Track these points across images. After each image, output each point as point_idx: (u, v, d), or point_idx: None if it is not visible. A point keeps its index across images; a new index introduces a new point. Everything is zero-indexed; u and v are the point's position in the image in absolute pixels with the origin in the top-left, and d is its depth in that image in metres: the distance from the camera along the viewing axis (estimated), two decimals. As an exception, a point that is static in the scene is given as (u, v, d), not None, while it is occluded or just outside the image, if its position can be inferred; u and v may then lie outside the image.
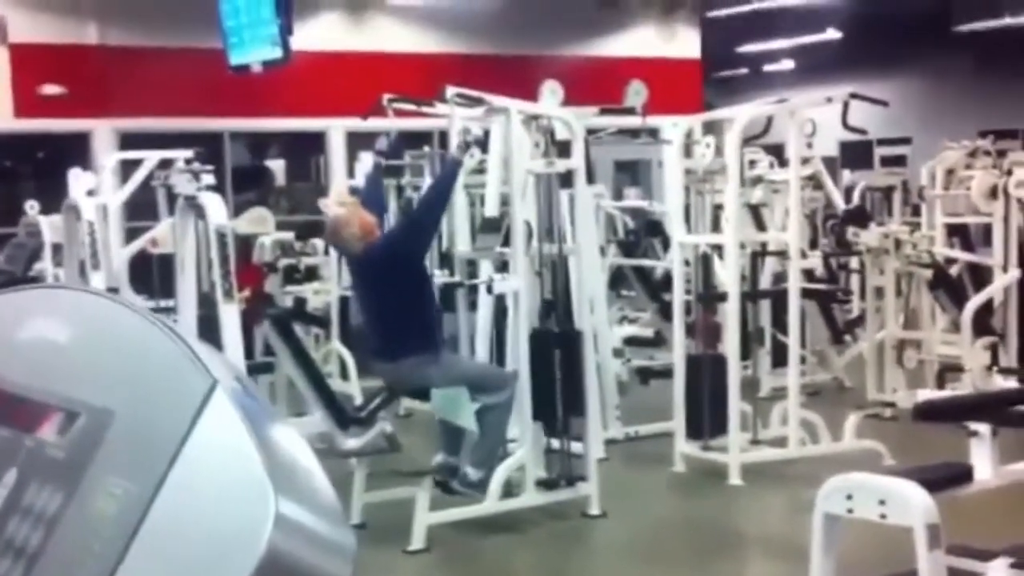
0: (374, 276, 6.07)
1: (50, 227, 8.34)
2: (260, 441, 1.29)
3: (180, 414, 1.29)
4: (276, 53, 11.00)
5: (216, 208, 5.97)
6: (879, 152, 20.56)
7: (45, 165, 12.88)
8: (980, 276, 9.25)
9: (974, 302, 8.40)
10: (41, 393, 1.36)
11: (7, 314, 1.44)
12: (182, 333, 1.35)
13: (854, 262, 9.74)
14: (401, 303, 5.95)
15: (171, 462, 1.27)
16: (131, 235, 9.56)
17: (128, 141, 12.04)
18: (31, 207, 8.94)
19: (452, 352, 6.77)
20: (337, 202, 6.20)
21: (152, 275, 8.73)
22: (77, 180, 7.84)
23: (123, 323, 1.37)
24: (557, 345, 6.29)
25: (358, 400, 8.00)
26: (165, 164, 8.38)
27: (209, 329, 6.05)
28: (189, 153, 8.36)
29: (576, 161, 6.57)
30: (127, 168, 9.51)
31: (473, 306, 7.33)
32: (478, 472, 5.95)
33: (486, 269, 6.89)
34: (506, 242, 6.38)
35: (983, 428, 4.32)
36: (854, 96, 7.31)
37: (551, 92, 7.56)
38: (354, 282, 6.74)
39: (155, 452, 1.27)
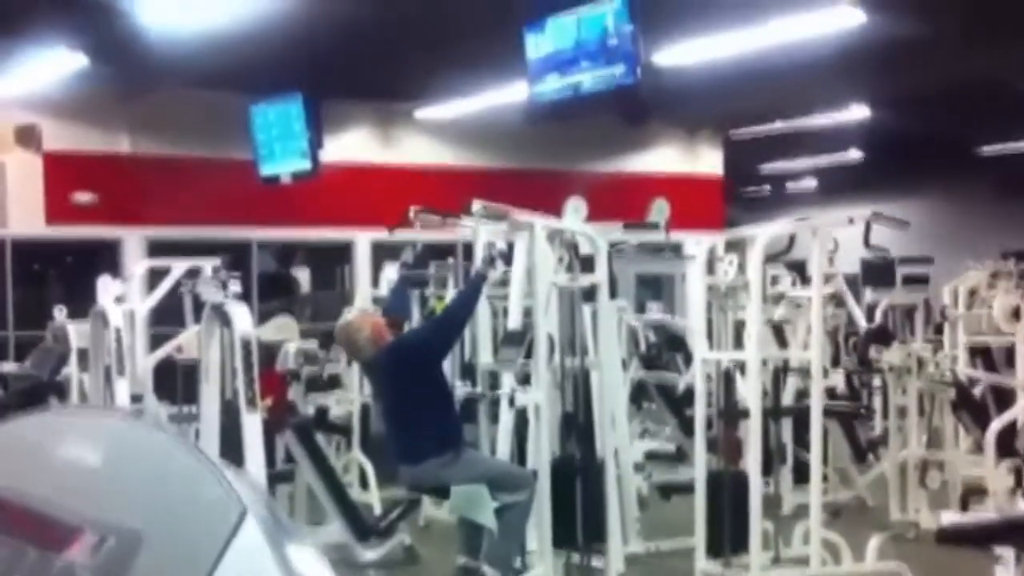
0: (391, 377, 6.13)
1: (77, 333, 8.41)
2: (284, 566, 1.30)
3: (210, 541, 1.29)
4: (305, 165, 11.22)
5: (242, 317, 6.03)
6: (901, 271, 20.56)
7: (75, 271, 13.03)
8: (1003, 397, 9.20)
9: (997, 423, 8.35)
10: (73, 514, 1.37)
11: (40, 435, 1.46)
12: (211, 456, 1.37)
13: (877, 380, 9.72)
14: (419, 405, 5.99)
15: None
16: (156, 341, 9.64)
17: (157, 249, 12.20)
18: (59, 312, 9.03)
19: (472, 450, 6.76)
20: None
21: (176, 382, 8.78)
22: (105, 287, 7.93)
23: (154, 446, 1.39)
24: (579, 473, 6.28)
25: (378, 510, 7.97)
26: (193, 272, 8.50)
27: (231, 437, 6.08)
28: (216, 262, 8.49)
29: (599, 276, 6.63)
30: (155, 275, 9.62)
31: (495, 418, 7.34)
32: (495, 571, 5.92)
33: (508, 381, 6.91)
34: (528, 355, 6.42)
35: (1007, 553, 4.29)
36: (876, 216, 7.37)
37: (575, 208, 7.64)
38: (373, 387, 6.79)
39: (194, 570, 1.28)
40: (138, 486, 1.38)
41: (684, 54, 10.66)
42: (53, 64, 10.98)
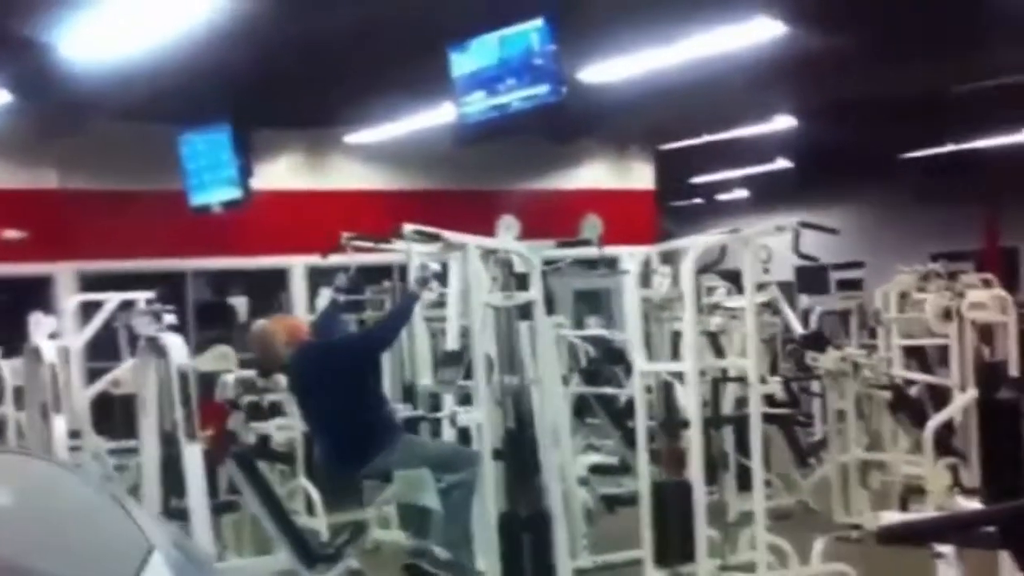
0: (317, 378, 6.11)
1: (11, 371, 8.31)
2: None
3: None
4: (236, 194, 11.18)
5: (177, 349, 5.99)
6: (835, 276, 20.83)
7: (6, 308, 12.85)
8: (939, 396, 9.34)
9: (934, 422, 8.48)
10: None
11: None
12: (121, 495, 1.36)
13: (815, 386, 9.82)
14: (348, 405, 5.99)
15: None
16: (93, 376, 9.53)
17: (90, 283, 12.07)
18: (-8, 351, 8.92)
19: (410, 435, 6.74)
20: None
21: (114, 416, 8.69)
22: (38, 323, 7.84)
23: (65, 487, 1.38)
24: (526, 528, 6.30)
25: (324, 536, 7.92)
26: (127, 305, 8.43)
27: (173, 469, 6.03)
28: (150, 294, 8.43)
29: (534, 293, 6.65)
30: (89, 310, 9.53)
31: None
32: (447, 553, 5.92)
33: (449, 402, 6.91)
34: (468, 375, 6.43)
35: (948, 550, 4.35)
36: (804, 225, 7.46)
37: (507, 227, 7.67)
38: (297, 394, 6.74)
39: None
40: (48, 527, 1.36)
41: (610, 71, 10.74)
42: (-24, 101, 10.85)
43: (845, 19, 9.90)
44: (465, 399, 6.61)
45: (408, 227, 6.69)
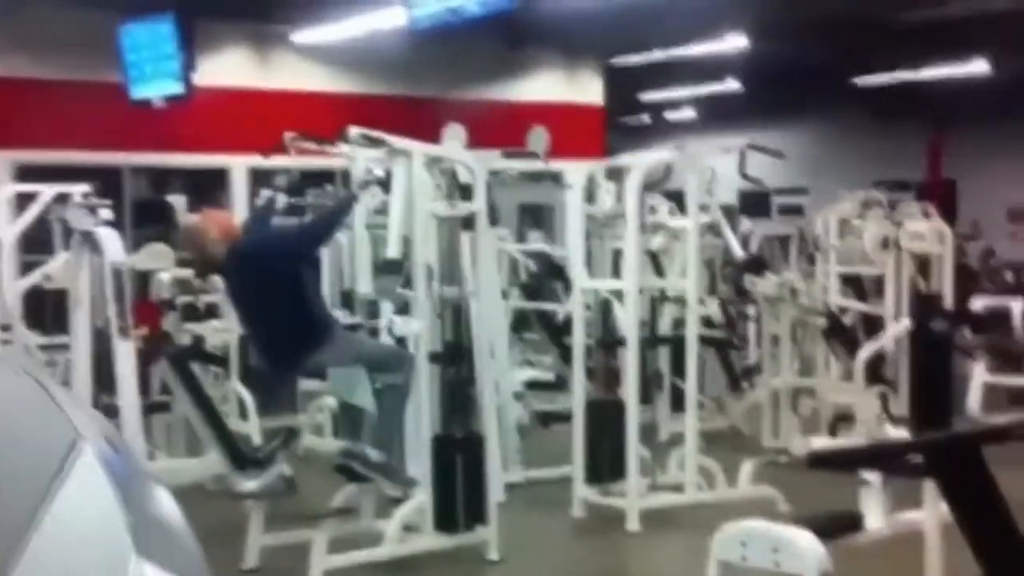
0: (249, 273, 6.04)
1: (-60, 260, 8.16)
2: (126, 501, 1.24)
3: (43, 470, 1.22)
4: (178, 88, 10.97)
5: (112, 244, 5.89)
6: (777, 201, 20.90)
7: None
8: (873, 325, 9.44)
9: (866, 351, 8.57)
10: None
11: None
12: (48, 383, 1.31)
13: (751, 310, 9.88)
14: (284, 303, 5.93)
15: (31, 522, 1.18)
16: (27, 269, 9.38)
17: (25, 174, 11.84)
18: (-80, 240, 8.74)
19: (347, 332, 6.70)
20: None
21: (46, 311, 8.57)
22: (-31, 213, 7.70)
23: None
24: (460, 450, 6.29)
25: (257, 441, 7.90)
26: (62, 198, 8.27)
27: (104, 367, 5.96)
28: (86, 187, 8.27)
29: (478, 204, 6.59)
30: (23, 201, 9.34)
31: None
32: (379, 454, 5.93)
33: (387, 311, 6.87)
34: (407, 284, 6.37)
35: (874, 477, 4.41)
36: (751, 147, 7.45)
37: (453, 135, 7.58)
38: (230, 290, 6.67)
39: (15, 512, 1.20)
40: None
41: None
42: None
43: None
44: (404, 308, 6.57)
45: (354, 130, 6.58)
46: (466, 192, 6.69)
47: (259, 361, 7.15)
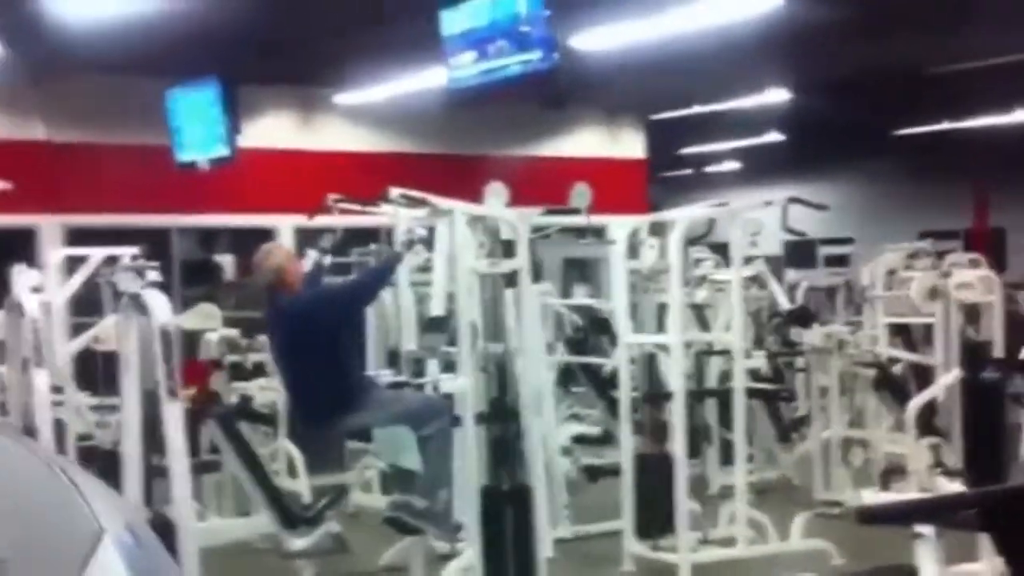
0: (293, 333, 6.10)
1: (-7, 324, 8.23)
2: None
3: (67, 563, 1.23)
4: (223, 151, 11.09)
5: (159, 306, 5.93)
6: (823, 251, 20.85)
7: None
8: (923, 375, 9.34)
9: (917, 401, 8.47)
10: None
11: None
12: (76, 476, 1.31)
13: (799, 361, 9.81)
14: (324, 362, 5.98)
15: None
16: (77, 331, 9.47)
17: (76, 237, 11.99)
18: (-26, 305, 8.83)
19: (380, 390, 6.71)
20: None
21: (97, 372, 8.64)
22: (20, 277, 7.77)
23: (18, 465, 1.33)
24: (508, 502, 6.28)
25: (306, 499, 7.91)
26: (111, 260, 8.35)
27: (154, 427, 5.99)
28: (135, 250, 8.35)
29: (520, 261, 6.61)
30: (74, 264, 9.45)
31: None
32: (424, 501, 5.93)
33: (432, 368, 6.88)
34: (452, 341, 6.39)
35: (928, 530, 4.35)
36: (793, 200, 7.43)
37: (495, 193, 7.62)
38: (276, 352, 6.70)
39: None
40: (3, 508, 1.31)
41: (604, 38, 10.67)
42: (-37, 51, 10.74)
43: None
44: (449, 366, 6.58)
45: (395, 191, 6.63)
46: (509, 249, 6.72)
47: (298, 420, 7.18)
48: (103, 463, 7.20)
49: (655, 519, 7.05)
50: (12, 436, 1.42)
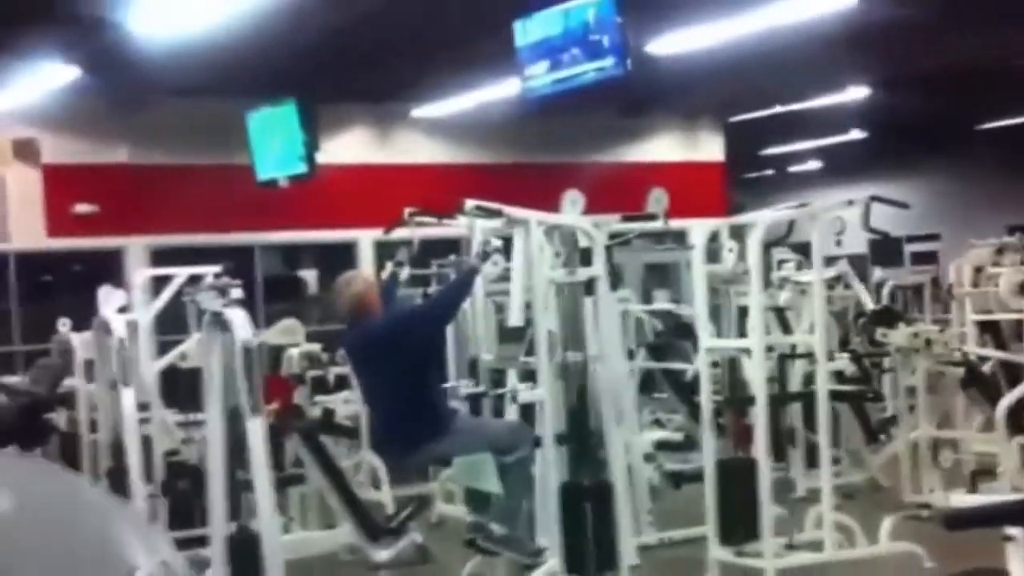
0: (374, 358, 6.12)
1: (81, 344, 8.40)
2: None
3: None
4: (302, 168, 11.23)
5: (241, 324, 6.00)
6: (909, 249, 20.55)
7: (78, 282, 13.04)
8: (1013, 373, 9.15)
9: (1008, 400, 8.31)
10: None
11: None
12: (113, 511, 1.33)
13: (886, 361, 9.67)
14: (406, 387, 5.99)
15: None
16: (163, 349, 9.63)
17: (160, 257, 12.21)
18: (63, 325, 9.02)
19: (464, 417, 6.73)
20: None
21: (182, 389, 8.76)
22: (107, 297, 7.91)
23: (55, 498, 1.35)
24: (588, 498, 6.27)
25: (389, 509, 7.95)
26: (195, 279, 8.48)
27: (238, 443, 6.06)
28: (217, 268, 8.46)
29: (597, 269, 6.59)
30: (159, 283, 9.61)
31: (498, 414, 7.32)
32: (502, 528, 5.93)
33: (511, 378, 6.88)
34: (530, 351, 6.39)
35: (1018, 532, 4.25)
36: (875, 199, 7.32)
37: (572, 201, 7.61)
38: (358, 376, 6.74)
39: None
40: (42, 540, 1.34)
41: (680, 42, 10.63)
42: (49, 77, 10.99)
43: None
44: (528, 375, 6.58)
45: (470, 203, 6.65)
46: (586, 256, 6.70)
47: (378, 446, 7.22)
48: (189, 478, 7.31)
49: (739, 524, 6.97)
50: (51, 469, 1.44)
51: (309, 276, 15.18)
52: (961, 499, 7.73)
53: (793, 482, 8.82)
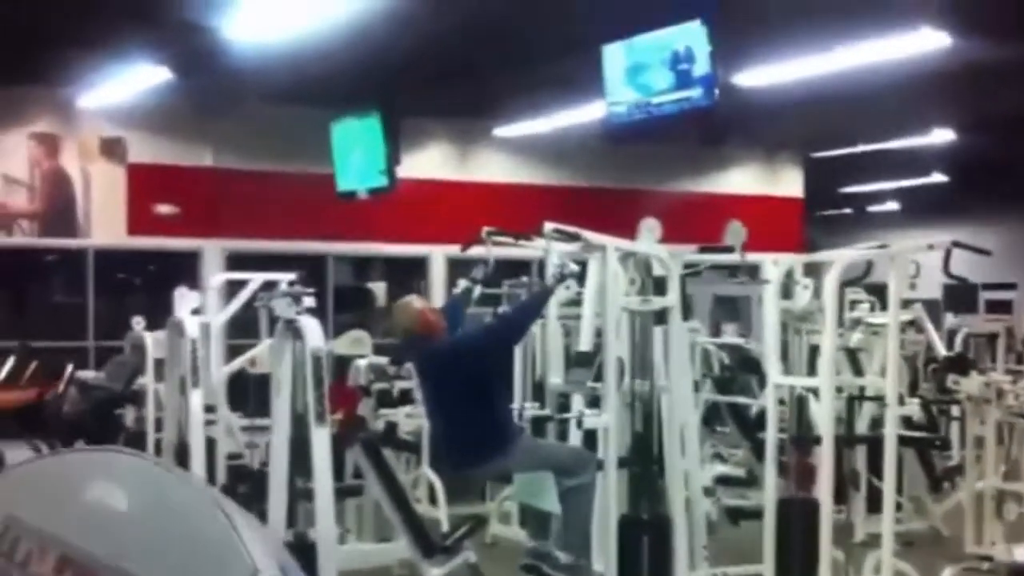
0: (443, 375, 6.13)
1: (154, 343, 8.51)
2: None
3: None
4: (382, 181, 11.30)
5: (313, 332, 6.06)
6: (984, 296, 20.26)
7: (155, 281, 13.23)
8: (1087, 429, 8.99)
9: (1079, 456, 8.17)
10: (93, 559, 1.35)
11: (74, 474, 1.46)
12: (233, 513, 1.35)
13: (955, 409, 9.53)
14: (472, 407, 5.99)
15: None
16: (233, 353, 9.73)
17: (235, 261, 12.35)
18: (137, 323, 9.14)
19: (528, 436, 6.71)
20: None
21: (249, 394, 8.85)
22: (182, 298, 8.01)
23: (176, 498, 1.37)
24: (646, 531, 6.24)
25: (445, 527, 7.96)
26: (269, 285, 8.56)
27: (301, 450, 6.11)
28: (292, 276, 8.54)
29: (671, 299, 6.58)
30: (233, 287, 9.71)
31: (562, 438, 7.31)
32: (567, 556, 5.91)
33: (577, 403, 6.87)
34: (598, 377, 6.38)
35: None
36: (957, 245, 7.23)
37: (649, 229, 7.59)
38: (425, 392, 6.75)
39: None
40: (160, 539, 1.38)
41: (765, 75, 10.59)
42: (138, 78, 11.17)
43: (1013, 30, 9.60)
44: (594, 401, 6.57)
45: (549, 226, 6.66)
46: (660, 285, 6.68)
47: (441, 462, 7.23)
48: (250, 483, 7.37)
49: (797, 565, 6.90)
50: (174, 470, 1.47)
51: (378, 288, 15.29)
52: (1025, 555, 7.60)
53: (853, 526, 8.72)
